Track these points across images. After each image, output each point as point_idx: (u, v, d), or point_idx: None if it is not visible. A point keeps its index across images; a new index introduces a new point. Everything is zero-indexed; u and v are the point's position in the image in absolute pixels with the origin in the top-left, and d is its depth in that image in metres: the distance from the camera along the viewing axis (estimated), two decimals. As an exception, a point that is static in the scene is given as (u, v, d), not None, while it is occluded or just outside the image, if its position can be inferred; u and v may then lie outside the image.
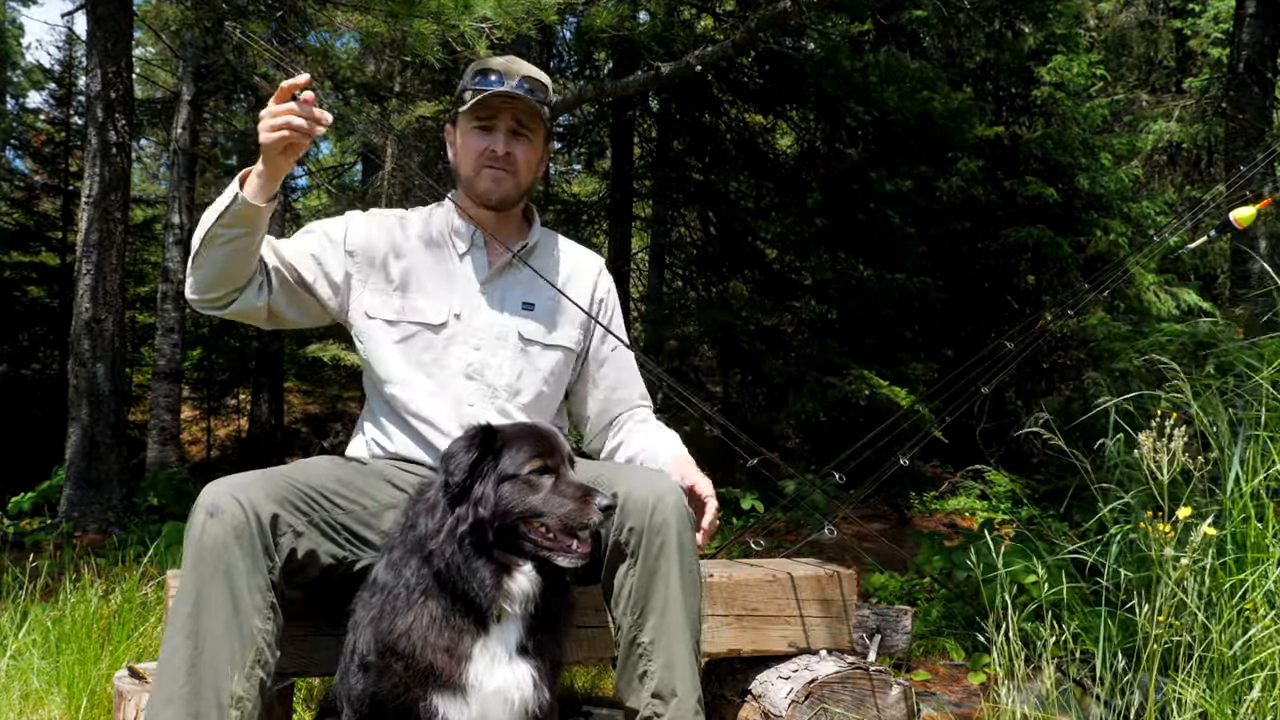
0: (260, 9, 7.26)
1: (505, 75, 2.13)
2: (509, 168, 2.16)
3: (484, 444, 1.72)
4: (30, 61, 21.79)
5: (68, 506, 7.05)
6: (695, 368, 12.96)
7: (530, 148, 2.19)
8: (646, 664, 1.88)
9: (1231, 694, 2.01)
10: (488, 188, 2.17)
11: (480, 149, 2.16)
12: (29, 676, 2.80)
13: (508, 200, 2.19)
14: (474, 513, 1.67)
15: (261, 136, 1.84)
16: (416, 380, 2.13)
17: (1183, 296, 9.38)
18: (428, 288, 2.17)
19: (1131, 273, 8.43)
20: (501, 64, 2.17)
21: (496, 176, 2.16)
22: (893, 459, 2.89)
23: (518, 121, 2.16)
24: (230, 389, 16.86)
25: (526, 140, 2.18)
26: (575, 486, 1.70)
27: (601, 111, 10.84)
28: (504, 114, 2.15)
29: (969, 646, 3.92)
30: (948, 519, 8.01)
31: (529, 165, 2.20)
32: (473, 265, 2.21)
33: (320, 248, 2.16)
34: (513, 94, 2.11)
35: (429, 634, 1.66)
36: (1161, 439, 2.00)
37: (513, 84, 2.12)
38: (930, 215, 9.67)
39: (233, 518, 1.72)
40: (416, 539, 1.72)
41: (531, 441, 1.73)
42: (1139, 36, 14.10)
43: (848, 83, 8.83)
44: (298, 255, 2.15)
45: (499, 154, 2.15)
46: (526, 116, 2.16)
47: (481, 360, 2.14)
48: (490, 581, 1.66)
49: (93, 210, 7.07)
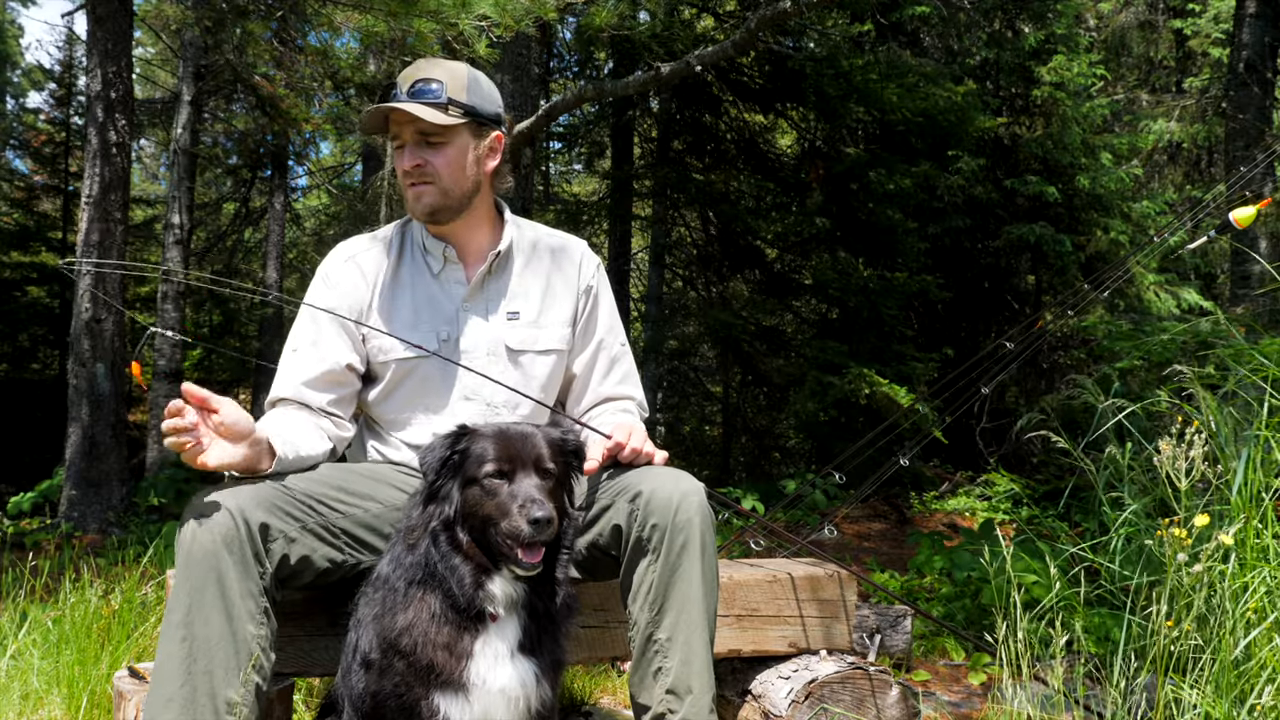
0: (260, 9, 7.26)
1: (401, 86, 2.05)
2: (426, 179, 2.06)
3: (454, 443, 1.73)
4: (30, 61, 21.84)
5: (68, 506, 7.05)
6: (695, 368, 12.96)
7: (447, 150, 2.06)
8: (662, 660, 1.87)
9: (1237, 696, 2.01)
10: (412, 205, 2.11)
11: (399, 169, 2.10)
12: (29, 676, 2.80)
13: (439, 211, 2.09)
14: (441, 511, 1.70)
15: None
16: (416, 418, 2.12)
17: (1183, 296, 9.39)
18: (409, 319, 2.12)
19: (1132, 272, 8.43)
20: (403, 75, 2.07)
21: (416, 192, 2.08)
22: (893, 459, 2.90)
23: (421, 132, 2.05)
24: (230, 389, 16.87)
25: (438, 145, 2.06)
26: (515, 496, 1.66)
27: (601, 111, 10.84)
28: (405, 127, 2.05)
29: (969, 647, 3.92)
30: (948, 519, 8.01)
31: (451, 169, 2.07)
32: (451, 283, 2.15)
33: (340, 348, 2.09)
34: (393, 108, 2.02)
35: (429, 630, 1.66)
36: (1180, 445, 1.98)
37: (405, 93, 2.03)
38: (931, 214, 9.67)
39: (222, 526, 1.72)
40: (403, 532, 1.76)
41: (495, 444, 1.71)
42: (1139, 36, 14.09)
43: (848, 82, 8.82)
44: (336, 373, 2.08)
45: (408, 169, 2.06)
46: (426, 123, 2.02)
47: (476, 380, 2.11)
48: (469, 580, 1.67)
49: (93, 210, 7.07)
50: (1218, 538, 1.95)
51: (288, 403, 2.06)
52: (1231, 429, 2.51)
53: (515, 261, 2.21)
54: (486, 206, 2.20)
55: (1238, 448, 2.39)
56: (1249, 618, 2.06)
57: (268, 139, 12.59)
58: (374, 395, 2.15)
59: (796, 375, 9.26)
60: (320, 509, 1.89)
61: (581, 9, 7.97)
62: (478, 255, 2.18)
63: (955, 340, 10.22)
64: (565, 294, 2.23)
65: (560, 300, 2.23)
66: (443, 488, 1.71)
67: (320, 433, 2.04)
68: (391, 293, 2.14)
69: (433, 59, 2.13)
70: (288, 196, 13.52)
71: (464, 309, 2.14)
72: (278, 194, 12.78)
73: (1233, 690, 2.02)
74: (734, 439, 11.43)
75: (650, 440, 2.06)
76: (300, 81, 8.06)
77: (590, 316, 2.27)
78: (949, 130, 9.02)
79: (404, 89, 2.05)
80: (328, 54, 7.76)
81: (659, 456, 2.03)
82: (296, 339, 2.11)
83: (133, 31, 7.62)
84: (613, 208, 10.98)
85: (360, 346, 2.12)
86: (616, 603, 2.01)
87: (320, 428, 2.04)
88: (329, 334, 2.09)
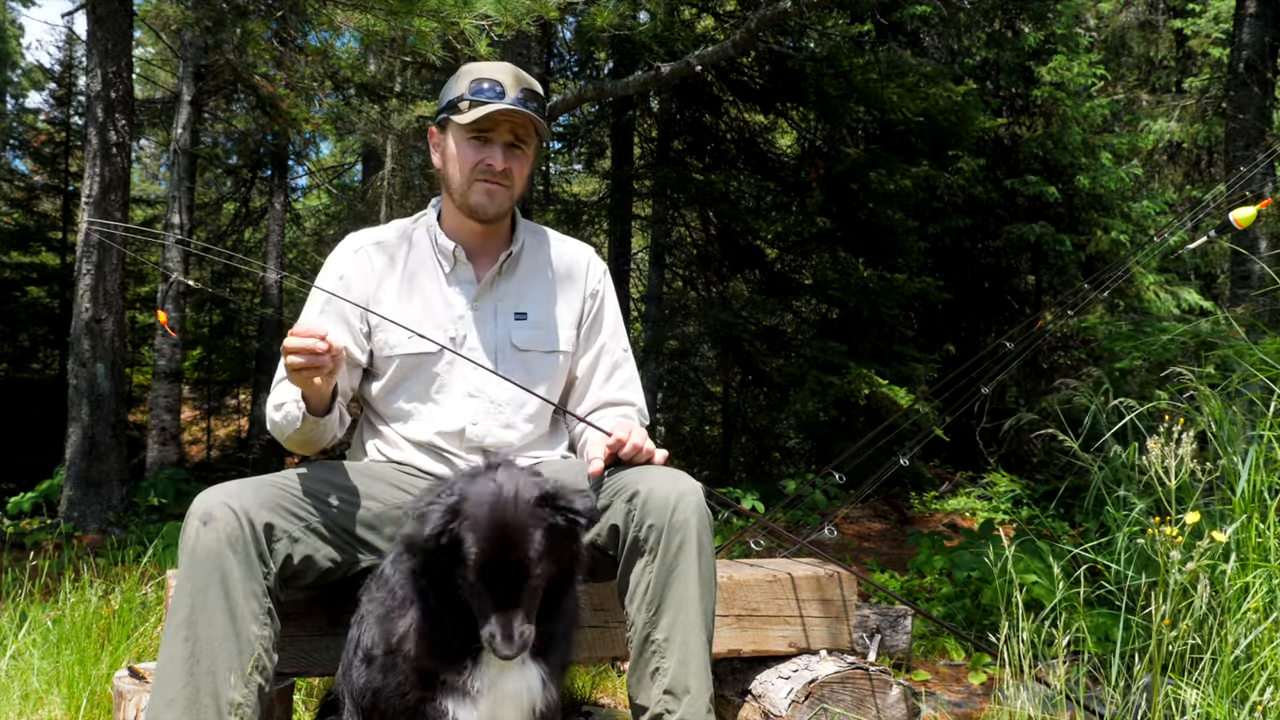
0: (260, 9, 7.26)
1: (505, 87, 2.06)
2: (505, 183, 2.09)
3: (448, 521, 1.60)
4: (30, 61, 21.85)
5: (68, 506, 7.04)
6: (695, 368, 12.96)
7: (524, 160, 2.13)
8: (660, 660, 1.86)
9: (1237, 697, 2.01)
10: (481, 203, 2.11)
11: (475, 161, 2.08)
12: (29, 676, 2.80)
13: (501, 215, 2.14)
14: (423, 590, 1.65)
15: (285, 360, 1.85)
16: (421, 409, 2.12)
17: (1183, 296, 9.40)
18: (419, 315, 2.12)
19: (1132, 272, 8.43)
20: (500, 73, 2.08)
21: (491, 191, 2.09)
22: (893, 459, 2.89)
23: (515, 135, 2.09)
24: (230, 389, 16.88)
25: (522, 153, 2.12)
26: (490, 618, 1.57)
27: (602, 111, 10.85)
28: (502, 127, 2.07)
29: (969, 647, 3.92)
30: (948, 519, 8.01)
31: (523, 178, 2.15)
32: (461, 283, 2.16)
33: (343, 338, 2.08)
34: (515, 110, 2.04)
35: (432, 636, 1.65)
36: (1170, 444, 1.99)
37: (513, 97, 2.05)
38: (931, 214, 9.68)
39: (226, 525, 1.72)
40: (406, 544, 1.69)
41: (487, 545, 1.58)
42: (1139, 36, 14.10)
43: (848, 82, 8.82)
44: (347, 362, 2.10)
45: (497, 169, 2.07)
46: (524, 130, 2.09)
47: (481, 379, 2.11)
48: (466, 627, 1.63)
49: (93, 210, 7.07)
50: (1211, 536, 1.95)
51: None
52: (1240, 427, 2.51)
53: (524, 264, 2.22)
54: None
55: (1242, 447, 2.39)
56: (1249, 618, 2.06)
57: (268, 139, 12.59)
58: (377, 390, 2.15)
59: (796, 375, 9.26)
60: (323, 508, 1.89)
61: (582, 9, 7.98)
62: (489, 256, 2.19)
63: (955, 340, 10.23)
64: (572, 297, 2.24)
65: (567, 303, 2.23)
66: (430, 567, 1.64)
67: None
68: (399, 288, 2.14)
69: (509, 65, 2.15)
70: (288, 196, 13.52)
71: (473, 308, 2.15)
72: (278, 194, 12.79)
73: (1234, 691, 2.02)
74: (734, 439, 11.43)
75: (650, 440, 2.06)
76: (300, 81, 8.06)
77: (595, 320, 2.28)
78: (949, 130, 9.03)
79: (512, 91, 2.06)
80: (328, 54, 7.77)
81: (659, 455, 2.03)
82: (301, 326, 2.12)
83: (133, 31, 7.62)
84: (613, 208, 10.98)
85: (361, 339, 2.13)
86: (615, 603, 2.01)
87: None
88: (332, 324, 2.10)
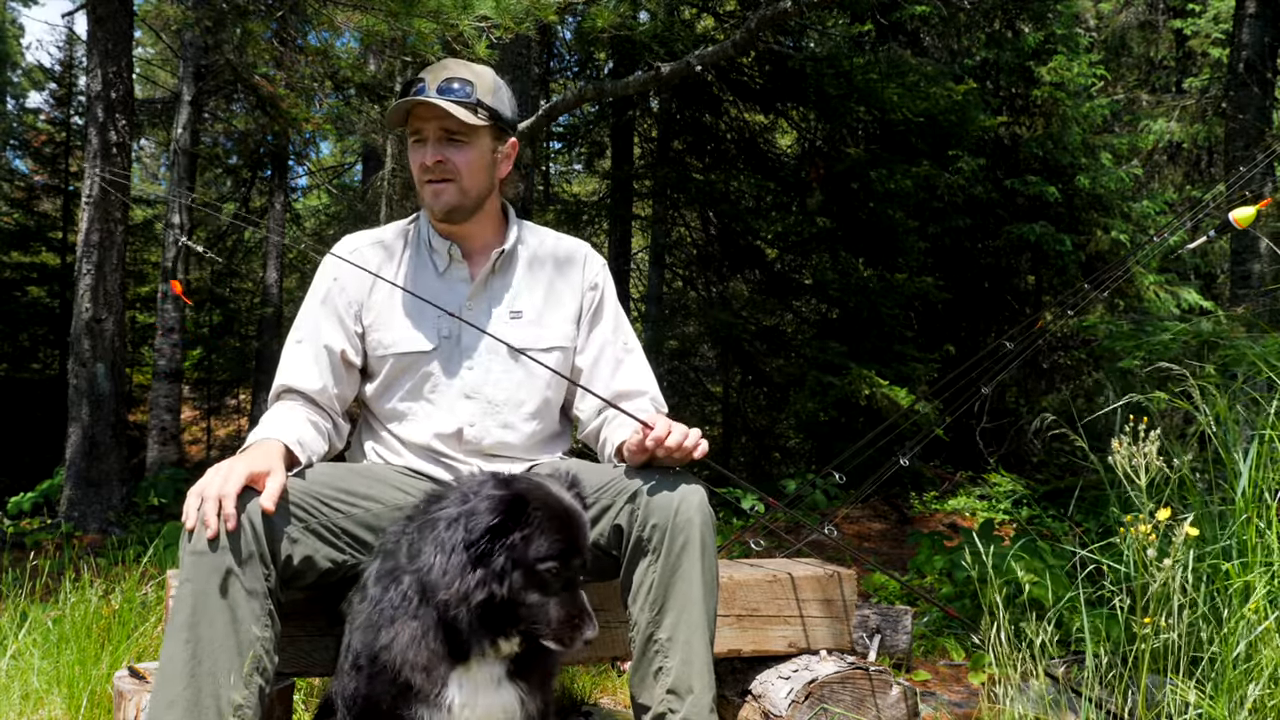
0: (260, 9, 7.26)
1: (426, 83, 2.04)
2: (447, 176, 2.07)
3: (509, 513, 1.64)
4: (30, 61, 21.86)
5: (68, 506, 7.04)
6: (695, 368, 12.97)
7: (467, 149, 2.07)
8: (663, 660, 1.86)
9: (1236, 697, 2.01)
10: (429, 202, 2.11)
11: (417, 165, 2.10)
12: (29, 676, 2.80)
13: (456, 210, 2.11)
14: (489, 590, 1.61)
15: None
16: (417, 410, 2.12)
17: (1183, 296, 9.40)
18: (413, 315, 2.12)
19: (1132, 272, 8.43)
20: (431, 70, 2.07)
21: (435, 189, 2.08)
22: (893, 459, 2.89)
23: (444, 129, 2.06)
24: (230, 389, 16.89)
25: (460, 144, 2.07)
26: (576, 606, 1.65)
27: (601, 111, 10.84)
28: (430, 123, 2.06)
29: (969, 647, 3.92)
30: (948, 519, 8.01)
31: (472, 169, 2.09)
32: (455, 281, 2.16)
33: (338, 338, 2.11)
34: (427, 102, 2.01)
35: (408, 651, 1.64)
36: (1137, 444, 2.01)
37: (433, 90, 2.02)
38: (931, 214, 9.67)
39: (227, 526, 1.71)
40: (422, 572, 1.65)
41: (557, 532, 1.65)
42: (1139, 36, 14.10)
43: (848, 82, 8.82)
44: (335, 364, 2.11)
45: (428, 164, 2.07)
46: (450, 121, 2.04)
47: (478, 378, 2.11)
48: (487, 643, 1.65)
49: (93, 210, 7.07)
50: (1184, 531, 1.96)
51: (292, 394, 2.08)
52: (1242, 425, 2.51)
53: (519, 261, 2.22)
54: (495, 208, 2.21)
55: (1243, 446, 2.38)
56: (1249, 618, 2.06)
57: (268, 139, 12.59)
58: (372, 390, 2.15)
59: (796, 375, 9.26)
60: (323, 509, 1.89)
61: (581, 9, 7.98)
62: (483, 254, 2.19)
63: (955, 340, 10.23)
64: (569, 292, 2.24)
65: (564, 299, 2.23)
66: (494, 558, 1.62)
67: (321, 433, 2.05)
68: (394, 288, 2.15)
69: (460, 60, 2.15)
70: (288, 196, 13.52)
71: (467, 307, 2.14)
72: (278, 194, 12.78)
73: (1234, 691, 2.02)
74: (734, 439, 11.43)
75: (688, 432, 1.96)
76: (300, 81, 8.07)
77: (596, 312, 2.27)
78: (949, 130, 9.03)
79: (432, 86, 2.05)
80: (328, 54, 7.77)
81: (701, 448, 1.95)
82: (299, 330, 2.14)
83: (133, 31, 7.62)
84: (613, 208, 10.98)
85: (355, 339, 2.14)
86: (617, 603, 2.01)
87: (319, 426, 2.05)
88: (328, 324, 2.11)
